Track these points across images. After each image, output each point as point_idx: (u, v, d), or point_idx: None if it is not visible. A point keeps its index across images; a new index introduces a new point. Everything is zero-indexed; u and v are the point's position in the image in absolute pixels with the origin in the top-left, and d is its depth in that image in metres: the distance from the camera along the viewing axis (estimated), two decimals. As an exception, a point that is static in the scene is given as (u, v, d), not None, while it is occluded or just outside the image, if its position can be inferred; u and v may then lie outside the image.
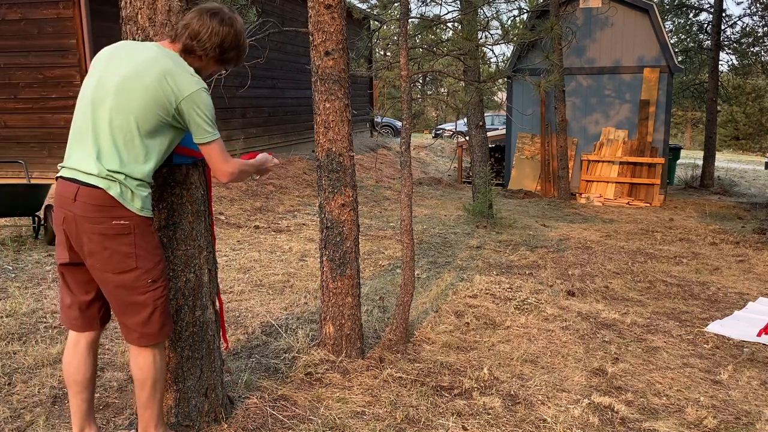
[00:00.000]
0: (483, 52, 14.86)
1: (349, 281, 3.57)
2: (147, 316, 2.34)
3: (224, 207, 8.19)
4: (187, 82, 2.28)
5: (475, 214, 8.55)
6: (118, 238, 2.24)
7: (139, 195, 2.26)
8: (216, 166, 2.39)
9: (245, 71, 9.40)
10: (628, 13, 11.89)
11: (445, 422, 2.96)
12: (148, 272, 2.31)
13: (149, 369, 2.40)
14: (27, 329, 3.89)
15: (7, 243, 5.94)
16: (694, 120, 35.77)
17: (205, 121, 2.31)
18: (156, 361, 2.41)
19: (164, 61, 2.27)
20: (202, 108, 2.30)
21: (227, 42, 2.40)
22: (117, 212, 2.22)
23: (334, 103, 3.39)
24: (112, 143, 2.23)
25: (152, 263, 2.32)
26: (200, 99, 2.30)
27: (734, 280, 5.97)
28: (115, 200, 2.21)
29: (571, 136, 12.38)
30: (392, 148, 16.67)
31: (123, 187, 2.22)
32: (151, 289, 2.32)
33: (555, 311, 4.69)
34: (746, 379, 3.62)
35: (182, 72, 2.29)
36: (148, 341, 2.37)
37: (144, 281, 2.30)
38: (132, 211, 2.24)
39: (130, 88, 2.24)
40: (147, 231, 2.31)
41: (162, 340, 2.41)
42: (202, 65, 2.43)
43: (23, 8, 7.70)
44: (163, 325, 2.39)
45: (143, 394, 2.42)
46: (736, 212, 10.66)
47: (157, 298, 2.35)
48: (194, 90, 2.28)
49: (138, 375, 2.41)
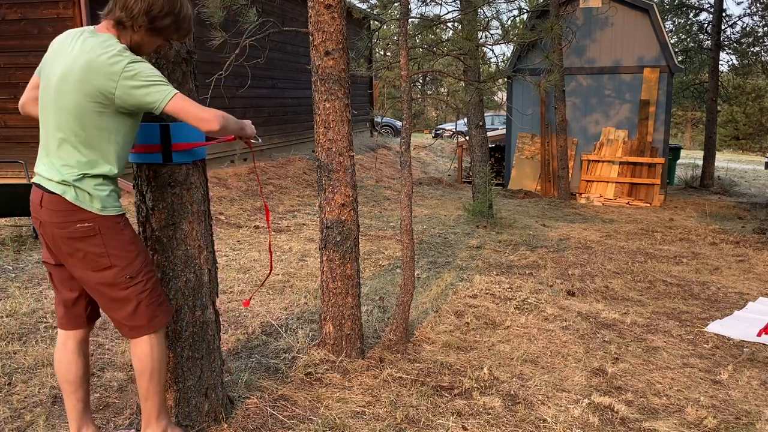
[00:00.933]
0: (483, 52, 14.86)
1: (349, 281, 3.57)
2: (132, 310, 2.32)
3: (224, 207, 8.19)
4: (111, 63, 2.12)
5: (475, 214, 8.55)
6: (86, 240, 2.22)
7: (98, 195, 2.21)
8: (198, 116, 2.19)
9: (245, 71, 9.40)
10: (628, 13, 11.89)
11: (445, 422, 2.96)
12: (123, 269, 2.28)
13: (146, 358, 2.39)
14: (27, 329, 3.89)
15: (7, 243, 5.94)
16: (694, 120, 35.77)
17: (149, 85, 2.14)
18: (153, 351, 2.39)
19: (87, 54, 2.14)
20: (137, 77, 2.13)
21: (156, 8, 2.21)
22: (78, 215, 2.19)
23: (334, 103, 3.39)
24: (63, 146, 2.18)
25: (127, 260, 2.28)
26: (131, 71, 2.13)
27: (734, 280, 5.97)
28: (73, 204, 2.18)
29: (571, 136, 12.38)
30: (392, 148, 16.67)
31: (78, 191, 2.18)
32: (132, 285, 2.30)
33: (555, 311, 4.69)
34: (746, 379, 3.62)
35: (105, 56, 2.13)
36: (139, 333, 2.36)
37: (122, 278, 2.28)
38: (93, 213, 2.20)
39: (64, 89, 2.16)
40: (115, 229, 2.26)
41: (154, 330, 2.38)
42: (139, 40, 2.26)
43: (23, 8, 7.70)
44: (152, 316, 2.36)
45: (143, 385, 2.42)
46: (736, 212, 10.66)
47: (140, 292, 2.32)
48: (121, 68, 2.12)
49: (136, 365, 2.41)
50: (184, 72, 2.57)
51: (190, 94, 2.59)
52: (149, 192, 2.58)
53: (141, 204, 2.61)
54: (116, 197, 2.31)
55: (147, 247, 2.60)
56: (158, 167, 2.53)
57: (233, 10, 4.38)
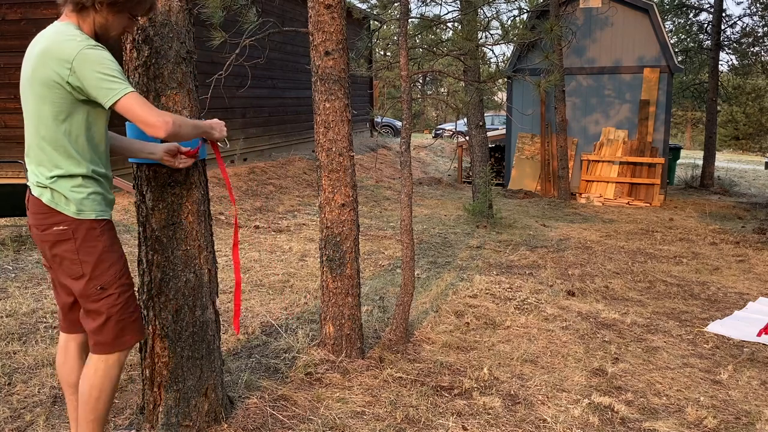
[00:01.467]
0: (483, 52, 14.86)
1: (349, 281, 3.57)
2: (101, 324, 2.20)
3: (224, 207, 8.18)
4: (67, 49, 2.02)
5: (475, 214, 8.55)
6: (60, 244, 2.14)
7: (74, 198, 2.12)
8: (143, 120, 2.06)
9: (245, 71, 9.40)
10: (628, 13, 11.89)
11: (445, 422, 2.96)
12: (94, 279, 2.17)
13: (89, 378, 2.25)
14: (27, 329, 3.89)
15: (7, 243, 5.94)
16: (694, 120, 35.76)
17: (103, 78, 2.02)
18: (98, 374, 2.24)
19: (43, 42, 2.06)
20: (92, 66, 2.01)
21: None
22: (55, 218, 2.12)
23: (334, 103, 3.39)
24: (38, 148, 2.12)
25: (99, 270, 2.17)
26: (86, 58, 2.01)
27: (734, 280, 5.97)
28: (48, 207, 2.11)
29: (571, 136, 12.38)
30: (392, 148, 16.67)
31: (54, 193, 2.11)
32: (103, 297, 2.18)
33: (555, 311, 4.69)
34: (746, 379, 3.62)
35: (59, 43, 2.03)
36: (102, 350, 2.23)
37: (92, 289, 2.17)
38: (69, 216, 2.12)
39: (25, 87, 2.12)
40: (90, 235, 2.15)
41: (117, 350, 2.25)
42: (104, 21, 2.15)
43: (23, 8, 7.70)
44: (118, 335, 2.23)
45: (85, 407, 2.27)
46: (736, 212, 10.66)
47: (111, 306, 2.20)
48: (76, 53, 2.00)
49: (80, 385, 2.27)
50: (184, 72, 2.57)
51: (189, 94, 2.60)
52: (149, 192, 2.58)
53: (141, 204, 2.61)
54: (100, 200, 2.20)
55: (147, 247, 2.60)
56: (158, 167, 2.53)
57: (233, 10, 4.38)
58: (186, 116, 2.56)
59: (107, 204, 2.25)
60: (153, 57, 2.50)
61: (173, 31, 2.51)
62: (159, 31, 2.50)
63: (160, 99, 2.52)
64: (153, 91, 2.52)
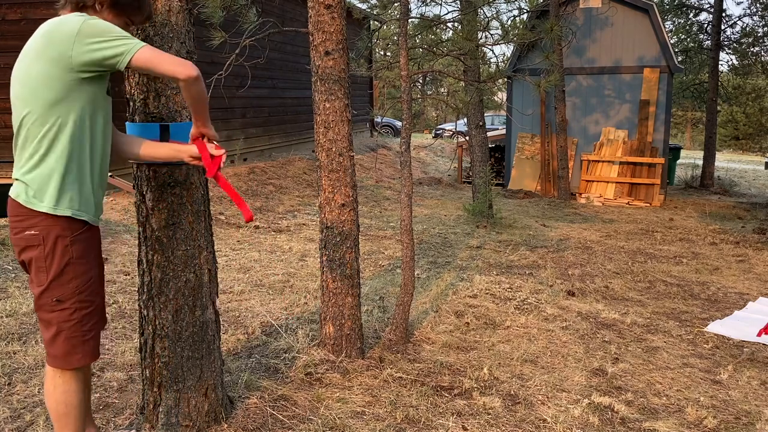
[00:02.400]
0: (483, 52, 14.86)
1: (349, 281, 3.57)
2: (52, 336, 2.11)
3: (224, 207, 8.18)
4: (69, 24, 1.99)
5: (475, 214, 8.55)
6: (30, 250, 2.06)
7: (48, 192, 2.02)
8: (172, 64, 1.99)
9: (245, 71, 9.40)
10: (628, 13, 11.89)
11: (445, 422, 2.96)
12: (52, 289, 2.07)
13: (50, 397, 2.18)
14: (27, 329, 3.89)
15: (7, 243, 5.94)
16: (694, 120, 35.76)
17: (109, 40, 1.97)
18: (58, 390, 2.16)
19: (41, 30, 2.06)
20: (97, 33, 1.97)
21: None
22: (27, 222, 2.04)
23: (334, 103, 3.39)
24: (17, 143, 2.07)
25: (61, 281, 2.06)
26: (88, 28, 1.98)
27: (734, 280, 5.97)
28: (24, 208, 2.03)
29: (571, 136, 12.38)
30: (392, 148, 16.67)
31: (28, 188, 2.03)
32: (57, 310, 2.08)
33: (555, 311, 4.69)
34: (746, 379, 3.62)
35: (60, 22, 2.02)
36: (53, 363, 2.15)
37: (48, 299, 2.08)
38: (41, 215, 2.02)
39: (18, 76, 2.07)
40: (58, 244, 2.05)
41: (69, 367, 2.14)
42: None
43: (23, 8, 7.69)
44: (69, 352, 2.11)
45: (57, 424, 2.21)
46: (736, 212, 10.66)
47: (64, 320, 2.09)
48: (77, 27, 1.97)
49: (48, 402, 2.21)
50: (184, 72, 2.56)
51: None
52: (149, 192, 2.58)
53: (141, 204, 2.62)
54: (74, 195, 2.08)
55: (147, 247, 2.60)
56: (158, 167, 2.53)
57: (233, 10, 4.38)
58: (186, 116, 2.56)
59: (86, 204, 2.12)
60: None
61: (173, 31, 2.52)
62: (159, 31, 2.50)
63: (160, 99, 2.52)
64: (153, 91, 2.52)
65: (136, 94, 2.53)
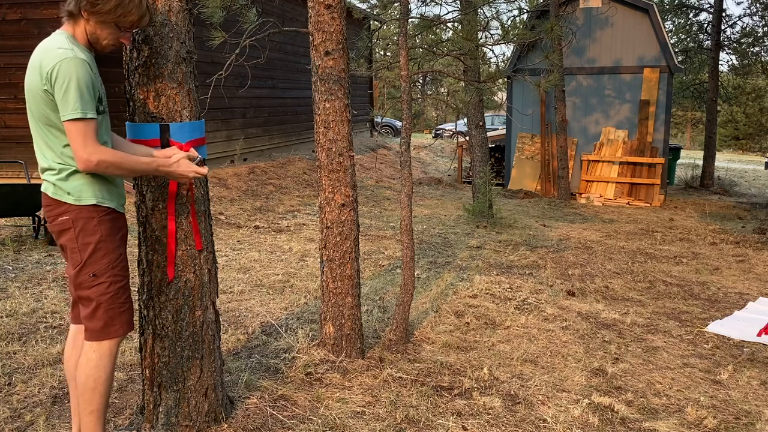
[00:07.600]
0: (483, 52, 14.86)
1: (349, 281, 3.57)
2: (92, 311, 2.30)
3: (224, 207, 8.19)
4: (50, 58, 2.11)
5: (475, 214, 8.55)
6: (64, 234, 2.27)
7: (71, 187, 2.23)
8: (73, 149, 2.15)
9: (245, 71, 9.40)
10: (628, 13, 11.89)
11: (445, 422, 2.96)
12: (88, 266, 2.27)
13: (83, 367, 2.32)
14: (27, 329, 3.89)
15: (7, 243, 5.94)
16: (694, 120, 35.76)
17: (65, 94, 2.10)
18: (91, 364, 2.32)
19: (36, 55, 2.17)
20: (61, 79, 2.09)
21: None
22: (58, 209, 2.25)
23: (334, 103, 3.39)
24: (39, 149, 2.25)
25: (95, 258, 2.27)
26: (59, 70, 2.10)
27: (734, 280, 5.97)
28: (53, 199, 2.25)
29: (571, 136, 12.38)
30: (392, 148, 16.67)
31: (55, 186, 2.24)
32: (95, 284, 2.28)
33: (555, 311, 4.69)
34: (746, 379, 3.62)
35: (47, 52, 2.14)
36: (92, 337, 2.32)
37: (86, 275, 2.28)
38: (69, 204, 2.23)
39: (27, 89, 2.21)
40: (87, 224, 2.25)
41: (105, 339, 2.33)
42: (93, 30, 2.23)
43: (23, 8, 7.69)
44: (107, 324, 2.31)
45: (82, 399, 2.35)
46: (736, 212, 10.66)
47: (101, 294, 2.29)
48: (54, 63, 2.10)
49: (80, 376, 2.34)
50: (184, 72, 2.56)
51: (189, 94, 2.59)
52: (149, 192, 2.58)
53: (141, 204, 2.62)
54: (100, 188, 2.27)
55: (147, 247, 2.61)
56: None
57: (233, 10, 4.38)
58: (186, 117, 2.56)
59: (110, 193, 2.33)
60: (153, 57, 2.49)
61: (173, 31, 2.51)
62: (159, 31, 2.50)
63: (160, 99, 2.52)
64: (153, 91, 2.52)
65: (136, 94, 2.53)
